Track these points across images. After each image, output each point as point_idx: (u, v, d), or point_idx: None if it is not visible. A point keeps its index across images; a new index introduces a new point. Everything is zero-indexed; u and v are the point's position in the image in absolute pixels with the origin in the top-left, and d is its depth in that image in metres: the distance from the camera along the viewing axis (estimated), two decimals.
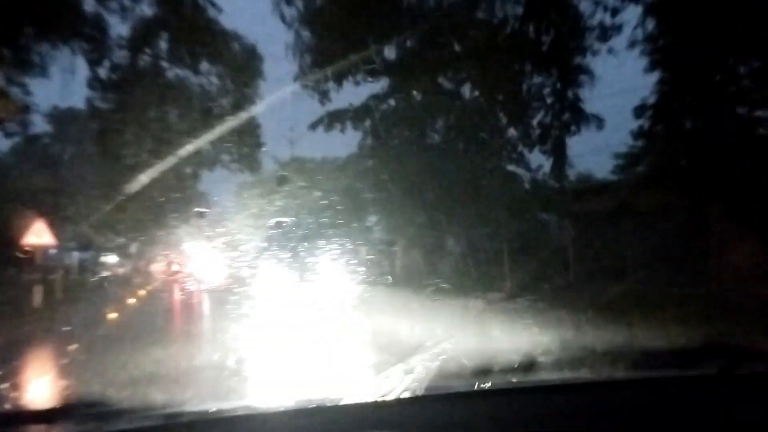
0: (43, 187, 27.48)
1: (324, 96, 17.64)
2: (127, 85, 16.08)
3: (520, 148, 19.24)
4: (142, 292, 21.15)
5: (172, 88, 15.55)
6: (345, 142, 20.62)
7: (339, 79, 15.57)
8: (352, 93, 19.94)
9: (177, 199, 30.75)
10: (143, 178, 19.17)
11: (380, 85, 19.97)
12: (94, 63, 15.76)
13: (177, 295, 19.86)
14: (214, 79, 15.36)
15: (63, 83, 15.57)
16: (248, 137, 16.27)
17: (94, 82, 16.20)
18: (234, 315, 11.57)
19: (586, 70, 17.82)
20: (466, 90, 20.12)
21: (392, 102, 20.09)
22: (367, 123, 20.00)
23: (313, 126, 19.92)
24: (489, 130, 19.07)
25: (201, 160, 16.31)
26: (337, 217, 30.29)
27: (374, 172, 20.36)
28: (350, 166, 22.07)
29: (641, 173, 14.20)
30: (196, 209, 37.51)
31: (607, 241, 15.33)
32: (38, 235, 14.07)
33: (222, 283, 22.94)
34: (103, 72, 16.13)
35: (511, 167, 18.63)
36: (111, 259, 40.27)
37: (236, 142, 16.08)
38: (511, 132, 19.52)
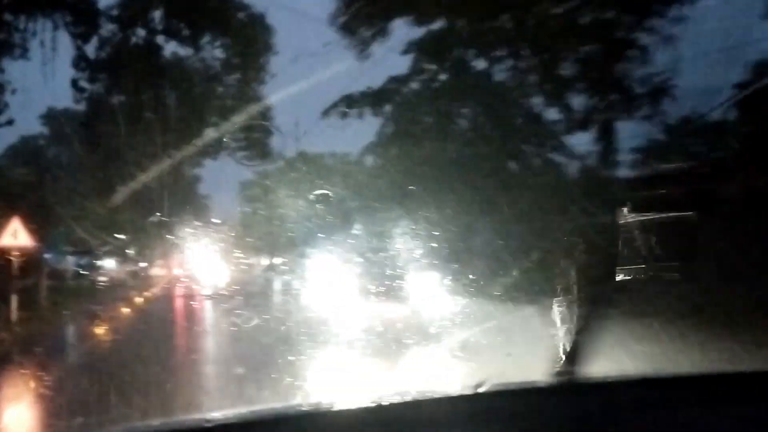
0: (35, 189, 25.59)
1: (365, 47, 15.26)
2: (117, 64, 13.99)
3: (562, 133, 17.25)
4: (139, 300, 19.07)
5: (169, 66, 13.44)
6: (364, 129, 18.48)
7: (382, 27, 13.26)
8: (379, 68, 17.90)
9: (177, 197, 28.88)
10: (139, 173, 17.18)
11: (403, 65, 17.93)
12: (80, 38, 13.73)
13: (178, 303, 17.84)
14: (218, 53, 13.25)
15: (44, 62, 13.50)
16: (257, 120, 14.18)
17: (81, 61, 14.12)
18: (244, 329, 9.90)
19: (639, 42, 15.77)
20: (497, 69, 18.08)
21: (415, 85, 18.03)
22: (387, 108, 17.95)
23: (327, 112, 17.91)
24: (524, 114, 16.95)
25: (204, 148, 14.20)
26: (349, 216, 28.26)
27: (395, 163, 18.26)
28: (367, 158, 19.97)
29: (729, 156, 12.11)
30: (198, 221, 35.71)
31: (677, 235, 13.26)
32: (14, 235, 11.99)
33: (229, 290, 21.09)
34: (90, 50, 14.08)
35: (551, 155, 16.54)
36: (108, 263, 38.19)
37: (243, 125, 14.00)
38: (550, 115, 17.51)
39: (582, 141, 17.48)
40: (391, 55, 16.61)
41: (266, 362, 6.49)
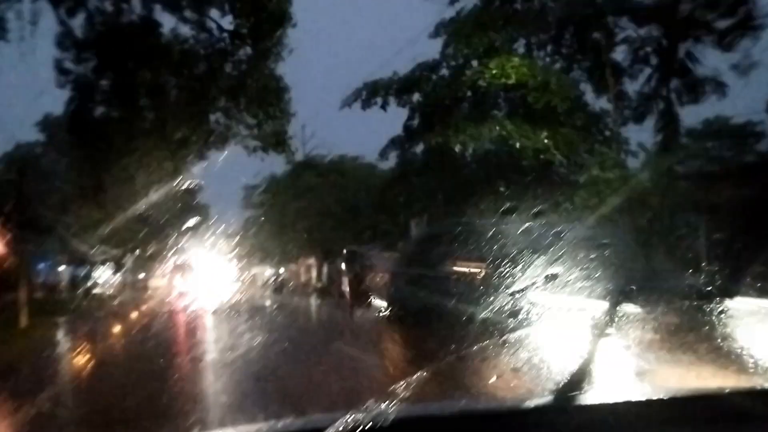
0: (28, 198, 23.69)
1: None
2: (109, 43, 12.01)
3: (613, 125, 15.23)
4: (134, 315, 16.99)
5: (169, 42, 11.44)
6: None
7: None
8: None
9: (177, 201, 26.89)
10: (136, 173, 15.23)
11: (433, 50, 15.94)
12: (64, 11, 11.76)
13: (177, 320, 15.72)
14: (226, 23, 11.21)
15: (22, 38, 11.50)
16: (271, 103, 12.12)
17: (65, 40, 12.16)
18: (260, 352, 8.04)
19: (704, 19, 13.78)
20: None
21: (446, 71, 16.02)
22: (415, 97, 15.93)
23: (347, 102, 15.90)
24: (571, 103, 14.87)
25: (209, 139, 12.16)
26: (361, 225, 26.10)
27: (424, 160, 16.23)
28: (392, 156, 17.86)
29: None
30: (193, 220, 33.72)
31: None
32: None
33: (236, 305, 19.12)
34: (77, 26, 12.11)
35: (603, 149, 14.45)
36: (105, 273, 36.21)
37: (256, 110, 11.96)
38: (600, 105, 15.52)
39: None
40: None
41: None
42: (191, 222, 32.69)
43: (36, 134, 26.96)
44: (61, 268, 36.51)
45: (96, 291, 29.22)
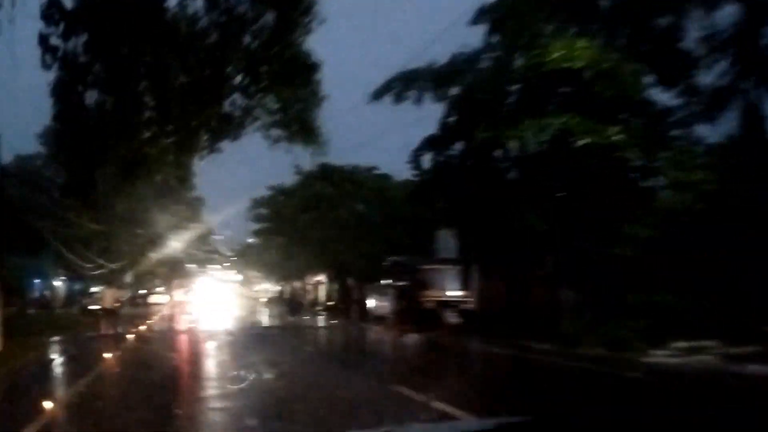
0: (24, 211, 22.18)
1: None
2: (103, 15, 10.13)
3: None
4: (129, 337, 14.92)
5: (176, 7, 9.54)
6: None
7: None
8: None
9: (180, 210, 25.09)
10: (134, 173, 13.33)
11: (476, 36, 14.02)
12: None
13: (175, 346, 13.64)
14: None
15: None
16: (299, 83, 10.16)
17: (52, 11, 10.29)
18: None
19: None
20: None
21: (488, 62, 14.08)
22: (454, 91, 13.98)
23: (378, 95, 14.01)
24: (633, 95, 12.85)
25: (222, 124, 10.21)
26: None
27: (461, 163, 14.21)
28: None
29: None
30: (197, 232, 31.73)
31: None
32: None
33: (251, 329, 17.13)
34: None
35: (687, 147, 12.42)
36: (102, 289, 34.21)
37: (280, 89, 10.02)
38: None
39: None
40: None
41: None
42: (195, 234, 30.72)
43: (21, 128, 24.90)
44: (58, 282, 34.54)
45: (92, 307, 27.14)
